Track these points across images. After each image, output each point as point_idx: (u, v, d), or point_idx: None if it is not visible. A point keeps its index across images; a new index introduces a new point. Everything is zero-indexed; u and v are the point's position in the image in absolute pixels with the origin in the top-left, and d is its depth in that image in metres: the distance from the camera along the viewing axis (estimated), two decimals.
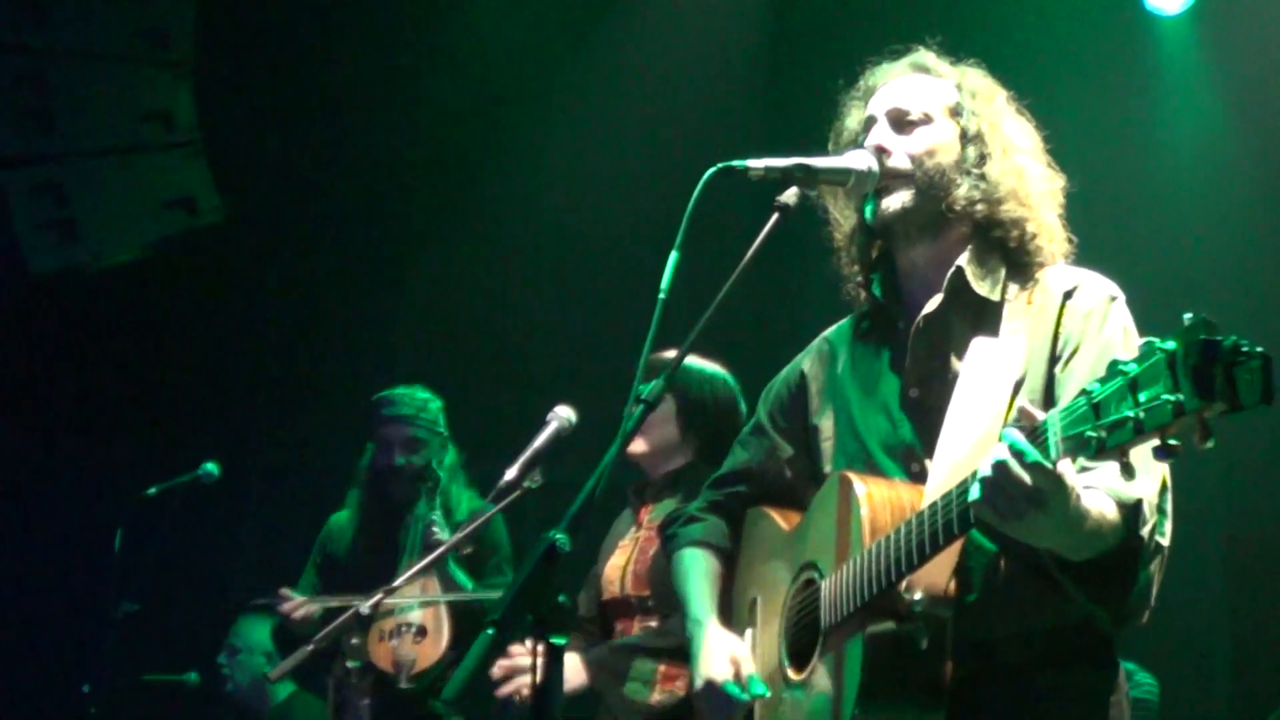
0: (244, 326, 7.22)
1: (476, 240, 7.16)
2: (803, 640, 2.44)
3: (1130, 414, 1.74)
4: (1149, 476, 2.15)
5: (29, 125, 6.84)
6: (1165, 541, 2.20)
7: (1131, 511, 2.11)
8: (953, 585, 2.21)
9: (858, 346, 2.61)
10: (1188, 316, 1.71)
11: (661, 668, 3.58)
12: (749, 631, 2.67)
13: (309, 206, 7.20)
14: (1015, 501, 1.95)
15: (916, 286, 2.49)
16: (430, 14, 7.05)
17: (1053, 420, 1.90)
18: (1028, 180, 2.45)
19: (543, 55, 6.99)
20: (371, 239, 7.26)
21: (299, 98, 7.07)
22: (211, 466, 5.82)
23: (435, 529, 4.71)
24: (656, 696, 3.58)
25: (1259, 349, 1.67)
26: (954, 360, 2.38)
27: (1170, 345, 1.71)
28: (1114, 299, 2.35)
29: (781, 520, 2.68)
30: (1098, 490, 2.10)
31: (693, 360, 3.65)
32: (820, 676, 2.35)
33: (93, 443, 7.01)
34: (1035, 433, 1.93)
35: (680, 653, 3.41)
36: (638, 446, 3.83)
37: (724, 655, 2.55)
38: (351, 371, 6.93)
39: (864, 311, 2.63)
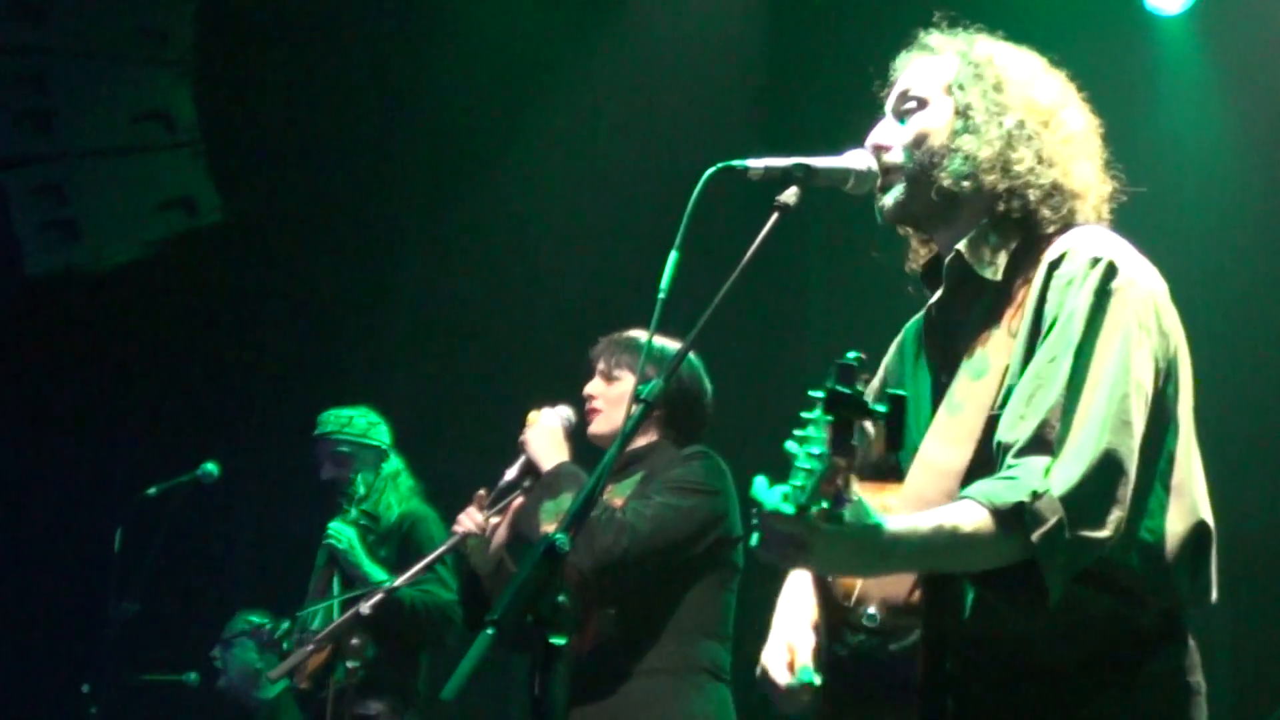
0: (244, 326, 7.22)
1: (477, 240, 7.16)
2: None
3: (809, 465, 1.79)
4: (1069, 463, 2.03)
5: (29, 125, 6.85)
6: (1102, 534, 2.01)
7: (1009, 518, 1.98)
8: (917, 594, 2.11)
9: (922, 335, 2.51)
10: (837, 361, 1.75)
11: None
12: None
13: (309, 206, 7.20)
14: (781, 547, 1.90)
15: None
16: (430, 14, 7.05)
17: (798, 462, 1.85)
18: (1019, 142, 2.31)
19: (542, 55, 6.99)
20: (371, 239, 7.26)
21: (299, 98, 7.07)
22: (211, 466, 5.83)
23: (329, 537, 4.96)
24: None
25: (884, 397, 1.71)
26: (963, 347, 2.31)
27: (819, 393, 1.74)
28: (1097, 261, 2.17)
29: None
30: (969, 500, 2.01)
31: (658, 341, 3.59)
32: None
33: (93, 443, 7.01)
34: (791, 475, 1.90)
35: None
36: (601, 427, 3.80)
37: (781, 642, 2.45)
38: (352, 371, 6.93)
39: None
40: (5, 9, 6.74)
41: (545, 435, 3.71)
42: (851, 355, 1.75)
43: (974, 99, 2.35)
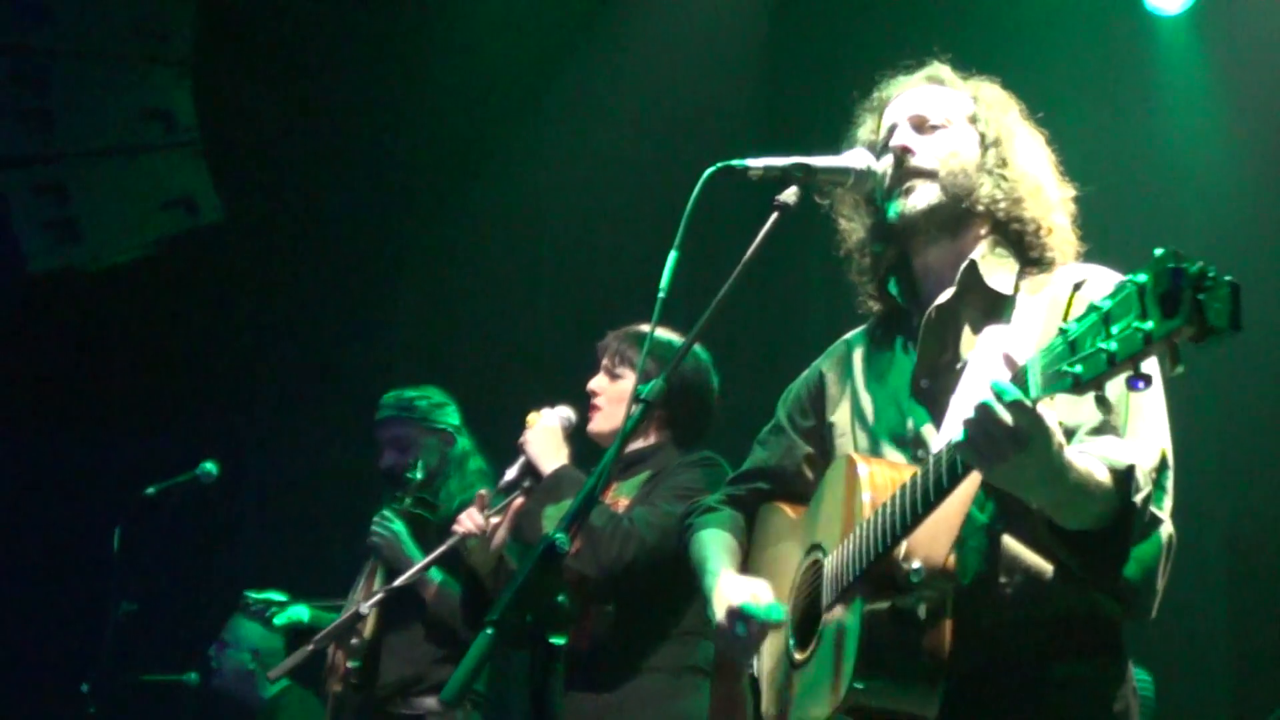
0: (244, 326, 7.22)
1: (476, 239, 7.16)
2: (809, 622, 2.45)
3: (1104, 346, 1.78)
4: (1147, 446, 2.20)
5: (29, 125, 6.84)
6: (1163, 515, 2.19)
7: (1123, 477, 2.12)
8: (952, 560, 2.23)
9: (873, 347, 2.65)
10: (1158, 250, 1.73)
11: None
12: None
13: (309, 206, 7.20)
14: (997, 442, 1.97)
15: (932, 285, 2.52)
16: (429, 14, 7.05)
17: (1033, 361, 1.94)
18: (1044, 184, 2.53)
19: (542, 55, 7.00)
20: (371, 238, 7.27)
21: (299, 98, 7.07)
22: (211, 466, 5.82)
23: (374, 533, 4.65)
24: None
25: (1227, 276, 1.69)
26: (964, 350, 2.41)
27: (1141, 278, 1.73)
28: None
29: (791, 512, 2.71)
30: (1089, 455, 2.13)
31: (663, 334, 3.58)
32: (822, 653, 2.37)
33: (92, 442, 7.01)
34: (1018, 376, 1.98)
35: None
36: (601, 425, 3.79)
37: (743, 587, 2.52)
38: (351, 371, 6.93)
39: (880, 316, 2.66)
40: (5, 9, 6.74)
41: (545, 437, 3.71)
42: (1160, 250, 1.74)
43: (1003, 135, 2.54)
